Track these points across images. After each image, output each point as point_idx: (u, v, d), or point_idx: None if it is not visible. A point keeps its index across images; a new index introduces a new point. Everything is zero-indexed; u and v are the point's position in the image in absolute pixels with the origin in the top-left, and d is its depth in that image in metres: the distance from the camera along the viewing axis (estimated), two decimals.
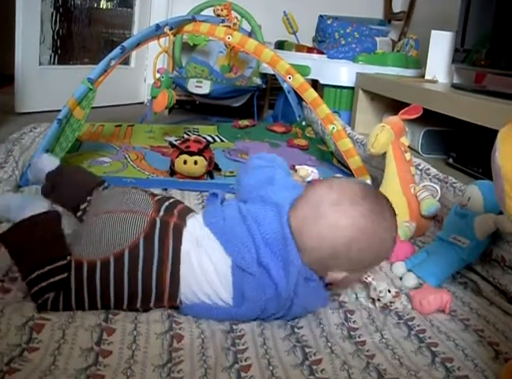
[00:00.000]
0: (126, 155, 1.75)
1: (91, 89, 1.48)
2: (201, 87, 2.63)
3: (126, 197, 0.89)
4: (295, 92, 1.87)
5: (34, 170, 1.06)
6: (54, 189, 1.03)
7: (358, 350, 0.77)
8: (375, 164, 1.48)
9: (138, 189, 0.92)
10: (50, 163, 1.05)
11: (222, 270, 0.80)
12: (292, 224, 0.81)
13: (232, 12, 2.43)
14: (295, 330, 0.81)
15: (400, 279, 1.01)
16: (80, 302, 0.80)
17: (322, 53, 2.51)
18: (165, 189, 1.44)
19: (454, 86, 1.89)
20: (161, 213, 0.85)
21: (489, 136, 0.85)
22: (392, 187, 1.24)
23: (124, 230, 0.81)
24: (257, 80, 2.82)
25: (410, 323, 0.86)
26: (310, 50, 2.58)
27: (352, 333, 0.82)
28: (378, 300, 0.90)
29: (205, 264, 0.81)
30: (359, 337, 0.81)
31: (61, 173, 1.03)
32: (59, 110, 1.47)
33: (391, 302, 0.90)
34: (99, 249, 0.80)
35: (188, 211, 0.90)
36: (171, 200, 0.91)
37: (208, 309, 0.81)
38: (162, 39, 1.76)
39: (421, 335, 0.82)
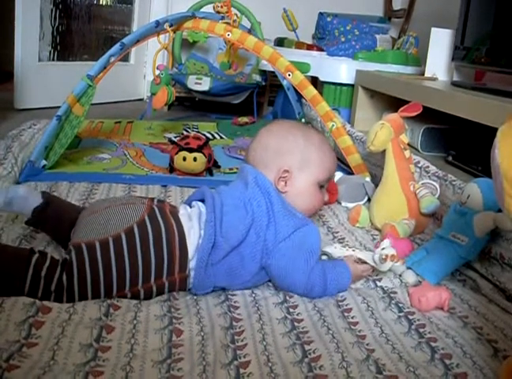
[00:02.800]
0: (126, 152, 1.75)
1: (90, 86, 1.48)
2: (200, 84, 2.63)
3: (120, 197, 1.00)
4: (295, 89, 1.87)
5: (17, 201, 0.94)
6: (44, 222, 0.98)
7: (358, 342, 0.78)
8: (375, 162, 1.48)
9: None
10: (34, 197, 0.96)
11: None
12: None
13: (232, 9, 2.43)
14: (295, 324, 0.81)
15: (400, 276, 1.01)
16: (91, 284, 0.82)
17: (322, 50, 2.51)
18: (164, 186, 1.44)
19: (454, 84, 1.89)
20: (155, 202, 0.92)
21: (489, 134, 0.85)
22: (391, 185, 1.24)
23: (128, 213, 0.87)
24: (257, 77, 2.82)
25: (410, 317, 0.86)
26: (309, 47, 2.57)
27: (352, 327, 0.82)
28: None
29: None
30: (359, 332, 0.81)
31: (48, 207, 0.96)
32: (59, 107, 1.47)
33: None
34: (107, 230, 0.85)
35: (174, 207, 0.96)
36: (160, 199, 0.98)
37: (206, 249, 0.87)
38: (162, 36, 1.76)
39: (421, 330, 0.82)
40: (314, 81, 2.39)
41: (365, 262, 0.95)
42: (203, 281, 0.87)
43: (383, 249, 0.93)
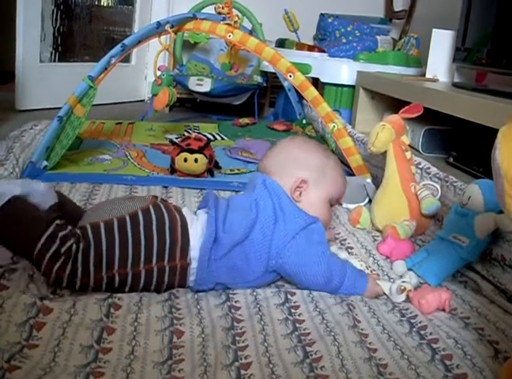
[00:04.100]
0: (127, 153, 1.75)
1: (91, 87, 1.49)
2: (201, 85, 2.63)
3: (123, 196, 1.07)
4: (296, 91, 1.87)
5: (36, 195, 0.91)
6: None
7: (361, 341, 0.78)
8: (376, 163, 1.48)
9: None
10: (52, 195, 0.94)
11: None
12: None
13: (233, 10, 2.43)
14: (297, 325, 0.81)
15: (401, 277, 1.01)
16: (94, 257, 0.84)
17: (323, 51, 2.51)
18: (165, 187, 1.44)
19: (455, 85, 1.89)
20: (159, 200, 0.95)
21: (490, 135, 0.85)
22: (392, 186, 1.24)
23: (133, 202, 0.91)
24: (258, 79, 2.82)
25: (412, 321, 0.86)
26: (310, 48, 2.57)
27: (355, 325, 0.82)
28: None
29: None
30: (361, 330, 0.81)
31: (61, 208, 0.94)
32: (60, 108, 1.47)
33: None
34: (112, 214, 0.88)
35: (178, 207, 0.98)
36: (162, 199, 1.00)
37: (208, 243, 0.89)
38: (163, 37, 1.76)
39: (422, 332, 0.82)
40: (315, 82, 2.39)
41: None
42: (205, 276, 0.88)
43: (404, 281, 0.94)
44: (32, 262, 0.84)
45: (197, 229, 0.90)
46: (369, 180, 1.47)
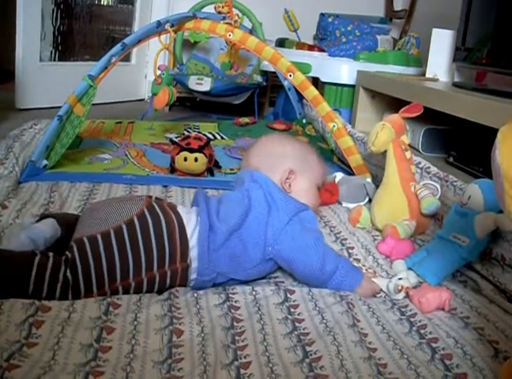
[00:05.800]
0: (127, 152, 1.75)
1: (91, 86, 1.48)
2: (201, 84, 2.63)
3: (119, 197, 1.07)
4: (296, 90, 1.87)
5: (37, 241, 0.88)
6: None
7: (360, 341, 0.78)
8: (376, 162, 1.48)
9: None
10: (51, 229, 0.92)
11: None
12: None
13: (233, 9, 2.43)
14: (296, 324, 0.81)
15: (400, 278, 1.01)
16: (96, 275, 0.83)
17: (323, 51, 2.51)
18: (165, 186, 1.44)
19: (455, 84, 1.89)
20: (153, 198, 0.94)
21: (490, 134, 0.85)
22: (392, 185, 1.24)
23: (127, 207, 0.89)
24: (258, 78, 2.82)
25: (412, 319, 0.86)
26: (311, 47, 2.57)
27: (354, 324, 0.82)
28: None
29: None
30: (361, 329, 0.81)
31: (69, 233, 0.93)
32: (60, 107, 1.47)
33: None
34: (108, 223, 0.86)
35: (173, 204, 0.98)
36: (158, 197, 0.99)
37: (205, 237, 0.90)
38: (163, 36, 1.76)
39: (422, 331, 0.82)
40: (315, 82, 2.39)
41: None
42: (207, 266, 0.89)
43: (400, 279, 0.95)
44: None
45: (192, 223, 0.91)
46: (369, 179, 1.47)
